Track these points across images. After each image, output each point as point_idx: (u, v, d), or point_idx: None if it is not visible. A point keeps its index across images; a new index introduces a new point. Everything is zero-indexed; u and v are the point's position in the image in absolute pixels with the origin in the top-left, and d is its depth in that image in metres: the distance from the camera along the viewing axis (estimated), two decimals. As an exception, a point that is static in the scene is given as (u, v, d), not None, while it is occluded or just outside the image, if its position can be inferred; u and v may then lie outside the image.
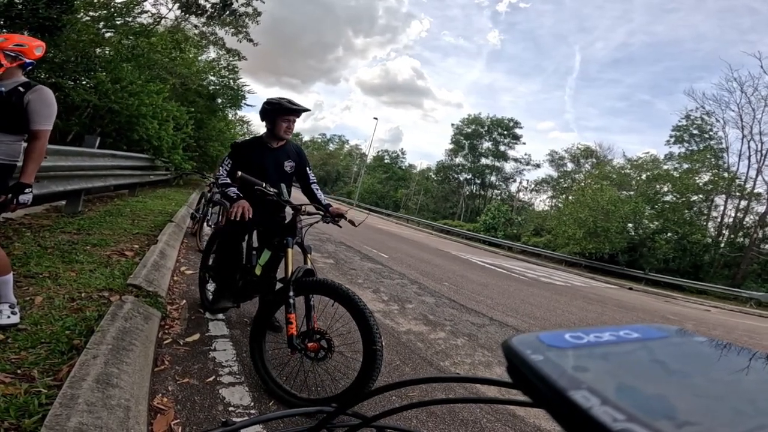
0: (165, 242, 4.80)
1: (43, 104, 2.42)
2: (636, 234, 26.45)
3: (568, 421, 0.22)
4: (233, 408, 2.16)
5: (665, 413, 0.21)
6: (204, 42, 19.04)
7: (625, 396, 0.22)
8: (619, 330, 0.31)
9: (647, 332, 0.31)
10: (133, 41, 10.82)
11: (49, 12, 5.02)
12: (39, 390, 1.72)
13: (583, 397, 0.22)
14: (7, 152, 2.39)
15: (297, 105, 2.95)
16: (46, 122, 2.44)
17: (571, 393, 0.22)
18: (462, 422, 2.48)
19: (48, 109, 2.44)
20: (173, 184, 14.01)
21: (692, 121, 31.96)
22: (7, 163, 2.39)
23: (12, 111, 2.34)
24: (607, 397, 0.22)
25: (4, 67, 2.36)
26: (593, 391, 0.22)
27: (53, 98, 2.48)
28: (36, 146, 2.40)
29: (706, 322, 10.48)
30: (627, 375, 0.25)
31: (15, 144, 2.43)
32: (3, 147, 2.37)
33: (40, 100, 2.40)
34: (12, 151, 2.41)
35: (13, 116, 2.35)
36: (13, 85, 2.37)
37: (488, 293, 7.24)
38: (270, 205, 3.00)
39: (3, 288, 2.32)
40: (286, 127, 2.98)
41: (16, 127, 2.40)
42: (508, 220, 35.42)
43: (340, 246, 8.62)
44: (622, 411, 0.21)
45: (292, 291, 2.42)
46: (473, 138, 46.93)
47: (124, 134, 9.84)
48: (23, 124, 2.39)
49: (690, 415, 0.21)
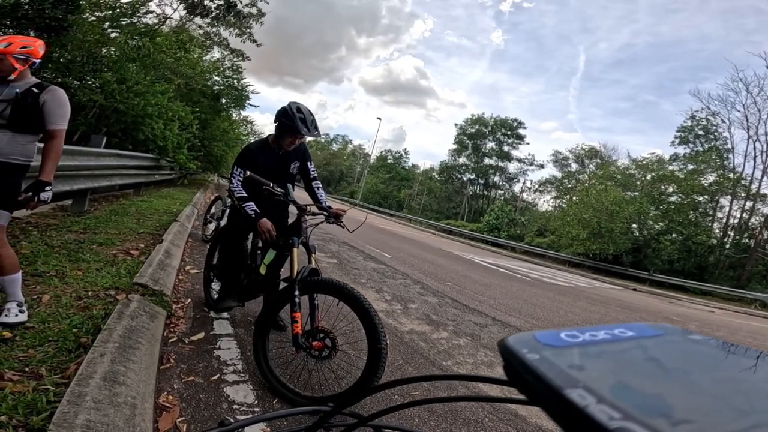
0: (170, 241, 4.83)
1: (58, 104, 2.47)
2: (640, 235, 26.33)
3: (565, 420, 0.22)
4: (237, 406, 2.17)
5: (661, 411, 0.21)
6: (208, 42, 19.09)
7: (621, 394, 0.22)
8: (614, 328, 0.31)
9: (642, 330, 0.31)
10: (139, 41, 10.86)
11: (55, 12, 5.05)
12: (47, 387, 1.74)
13: (579, 396, 0.22)
14: (23, 152, 2.43)
15: (309, 130, 2.91)
16: (61, 122, 2.49)
17: (567, 391, 0.22)
18: (464, 421, 2.49)
19: (63, 109, 2.49)
20: (178, 184, 14.07)
21: (698, 122, 31.77)
22: (22, 163, 2.43)
23: (28, 112, 2.39)
24: (602, 395, 0.22)
25: (18, 70, 2.41)
26: (589, 389, 0.22)
27: (67, 98, 2.53)
28: (54, 145, 2.45)
29: (710, 323, 10.42)
30: (622, 373, 0.25)
31: (30, 144, 2.47)
32: (19, 147, 2.41)
33: (54, 100, 2.45)
34: (28, 151, 2.45)
35: (29, 117, 2.40)
36: (26, 86, 2.42)
37: (491, 293, 7.23)
38: (275, 205, 3.02)
39: (12, 286, 2.36)
40: (290, 142, 2.98)
41: (31, 127, 2.44)
42: (511, 221, 35.33)
43: (343, 246, 8.63)
44: (618, 409, 0.21)
45: (297, 290, 2.44)
46: (476, 138, 46.81)
47: (130, 134, 9.88)
48: (39, 124, 2.44)
49: (685, 412, 0.21)
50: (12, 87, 2.39)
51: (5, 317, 2.30)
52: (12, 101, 2.35)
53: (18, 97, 2.36)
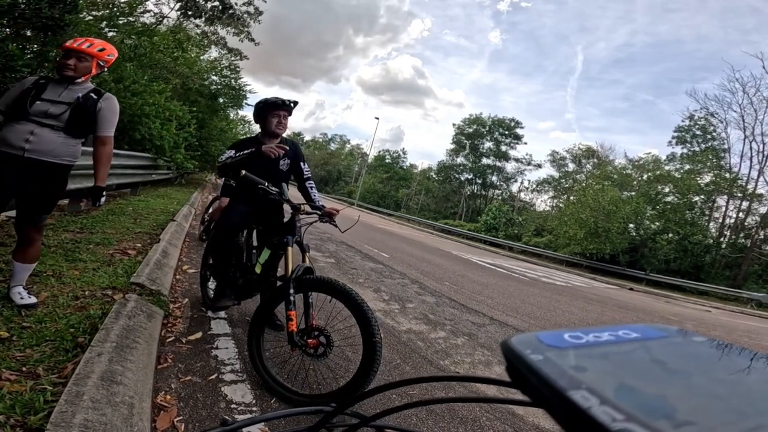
0: (167, 241, 4.82)
1: (112, 112, 2.57)
2: (637, 234, 26.43)
3: (568, 421, 0.22)
4: (235, 405, 2.17)
5: (664, 413, 0.21)
6: (206, 41, 19.01)
7: (624, 396, 0.22)
8: (617, 330, 0.31)
9: (646, 332, 0.31)
10: (136, 41, 10.82)
11: (53, 11, 5.02)
12: (44, 387, 1.73)
13: (582, 397, 0.22)
14: (72, 153, 2.50)
15: (283, 99, 3.00)
16: (112, 128, 2.59)
17: (571, 393, 0.22)
18: (461, 420, 2.49)
19: (115, 117, 2.60)
20: (175, 183, 14.04)
21: (695, 122, 31.91)
22: (69, 163, 2.50)
23: (85, 116, 2.46)
24: (606, 396, 0.22)
25: (90, 75, 2.50)
26: (592, 390, 0.22)
27: (118, 106, 2.63)
28: (106, 151, 2.56)
29: (706, 322, 10.47)
30: (626, 375, 0.25)
31: (77, 147, 2.53)
32: (70, 149, 2.48)
33: (110, 108, 2.55)
34: (75, 152, 2.53)
35: (85, 121, 2.47)
36: (85, 91, 2.48)
37: (488, 293, 7.24)
38: (270, 204, 3.03)
39: (24, 273, 2.50)
40: (277, 122, 3.01)
41: (83, 131, 2.52)
42: (509, 221, 35.40)
43: (341, 245, 8.63)
44: (621, 411, 0.21)
45: (292, 288, 2.46)
46: (474, 138, 46.85)
47: (126, 133, 9.84)
48: (90, 129, 2.52)
49: (689, 414, 0.21)
50: (71, 90, 2.45)
51: (22, 299, 2.43)
52: (72, 105, 2.41)
53: (79, 102, 2.42)
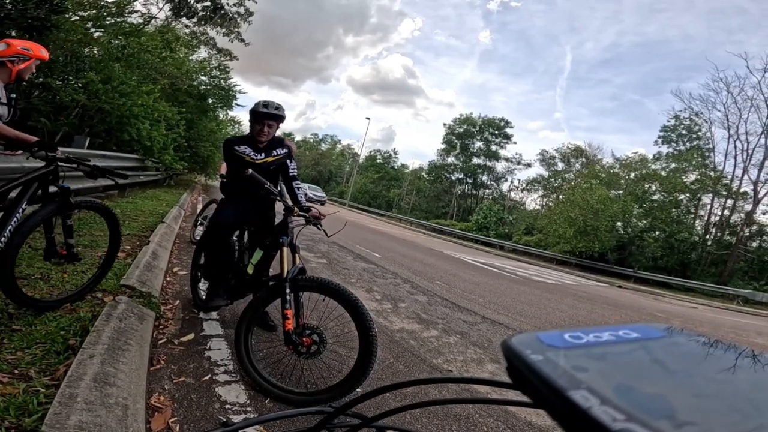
0: (157, 243, 4.78)
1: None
2: (625, 232, 26.77)
3: (568, 421, 0.22)
4: (230, 406, 2.17)
5: (664, 413, 0.21)
6: (195, 42, 18.86)
7: (625, 396, 0.22)
8: (618, 330, 0.31)
9: (646, 332, 0.31)
10: (123, 41, 10.70)
11: (39, 12, 4.95)
12: (37, 389, 1.72)
13: (582, 397, 0.22)
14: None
15: (268, 109, 2.94)
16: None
17: (571, 393, 0.22)
18: (455, 418, 2.51)
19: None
20: (164, 185, 13.90)
21: (680, 122, 32.38)
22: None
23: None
24: (606, 396, 0.22)
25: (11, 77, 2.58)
26: (593, 390, 0.23)
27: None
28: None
29: (693, 319, 10.64)
30: (626, 375, 0.25)
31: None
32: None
33: None
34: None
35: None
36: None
37: (480, 292, 7.29)
38: (263, 203, 3.04)
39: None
40: (260, 130, 2.98)
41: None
42: (499, 220, 35.59)
43: (332, 246, 8.62)
44: (622, 411, 0.21)
45: (288, 288, 2.47)
46: (465, 138, 46.99)
47: (114, 134, 9.74)
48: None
49: (689, 414, 0.21)
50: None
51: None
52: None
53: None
